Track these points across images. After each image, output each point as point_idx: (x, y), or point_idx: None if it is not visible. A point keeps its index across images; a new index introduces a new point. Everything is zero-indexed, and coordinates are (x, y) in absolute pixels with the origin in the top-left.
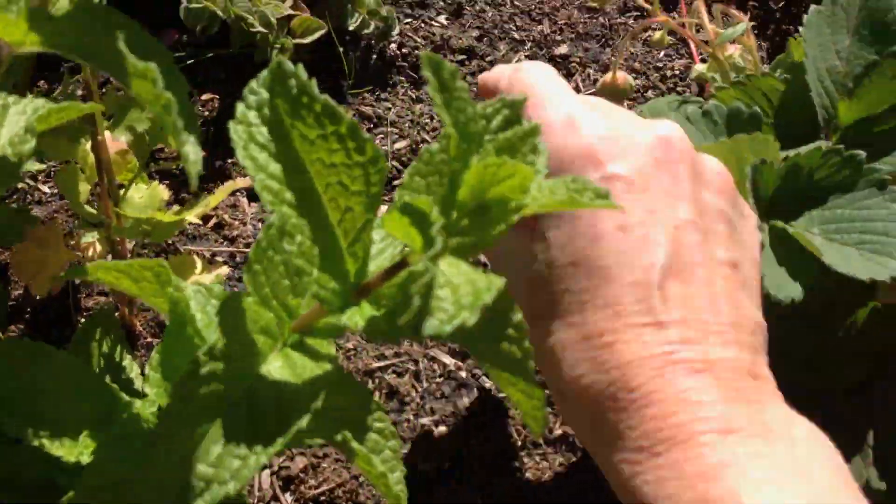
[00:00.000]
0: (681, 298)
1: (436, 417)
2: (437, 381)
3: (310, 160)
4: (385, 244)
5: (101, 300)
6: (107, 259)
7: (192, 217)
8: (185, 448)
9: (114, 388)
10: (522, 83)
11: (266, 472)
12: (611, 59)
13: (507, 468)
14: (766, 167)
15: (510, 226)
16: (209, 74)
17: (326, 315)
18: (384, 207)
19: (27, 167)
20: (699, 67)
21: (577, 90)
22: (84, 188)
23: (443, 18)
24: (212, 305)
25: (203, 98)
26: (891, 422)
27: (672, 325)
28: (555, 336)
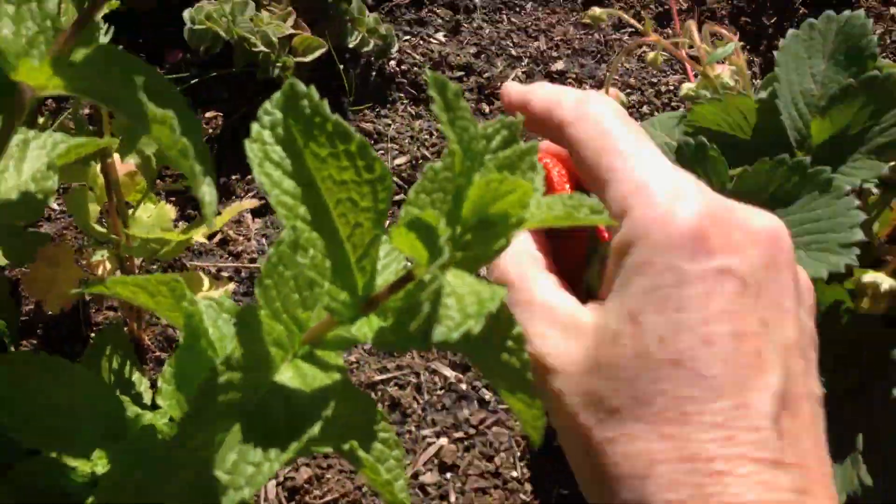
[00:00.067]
0: (793, 436)
1: (437, 429)
2: (438, 394)
3: (321, 177)
4: (389, 259)
5: (111, 315)
6: (116, 275)
7: (200, 236)
8: (203, 454)
9: (125, 401)
10: (592, 123)
11: (272, 483)
12: (606, 76)
13: (507, 478)
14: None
15: (510, 240)
16: (212, 93)
17: (336, 327)
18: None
19: None
20: (688, 85)
21: None
22: (94, 208)
23: (441, 35)
24: (223, 319)
25: (207, 115)
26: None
27: (790, 468)
28: (640, 444)
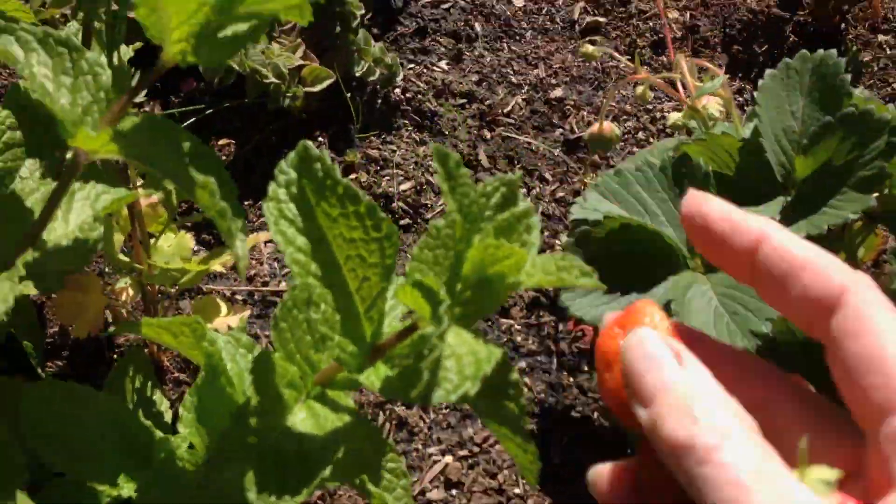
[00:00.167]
0: None
1: (442, 447)
2: (444, 413)
3: (332, 235)
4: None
5: (132, 337)
6: (138, 301)
7: (217, 266)
8: (226, 490)
9: (149, 426)
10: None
11: None
12: (603, 99)
13: (510, 494)
14: None
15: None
16: (226, 122)
17: (345, 370)
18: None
19: None
20: (675, 116)
21: (572, 131)
22: (118, 238)
23: (444, 63)
24: (240, 354)
25: (220, 143)
26: None
27: None
28: None
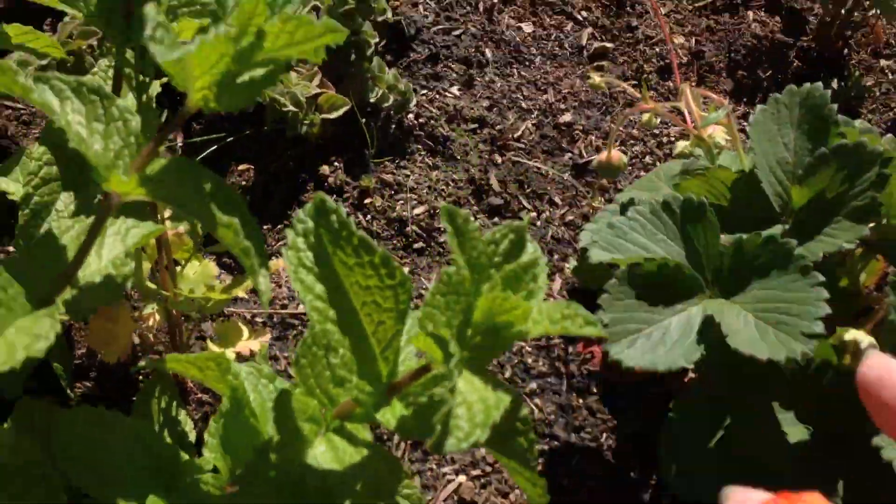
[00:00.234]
0: None
1: (456, 466)
2: None
3: (349, 282)
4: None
5: (156, 358)
6: (163, 323)
7: (239, 292)
8: None
9: (174, 449)
10: None
11: None
12: (611, 127)
13: None
14: (725, 251)
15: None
16: (245, 148)
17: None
18: (405, 270)
19: None
20: (682, 144)
21: (581, 156)
22: (146, 266)
23: (455, 89)
24: (262, 385)
25: (240, 168)
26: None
27: None
28: None
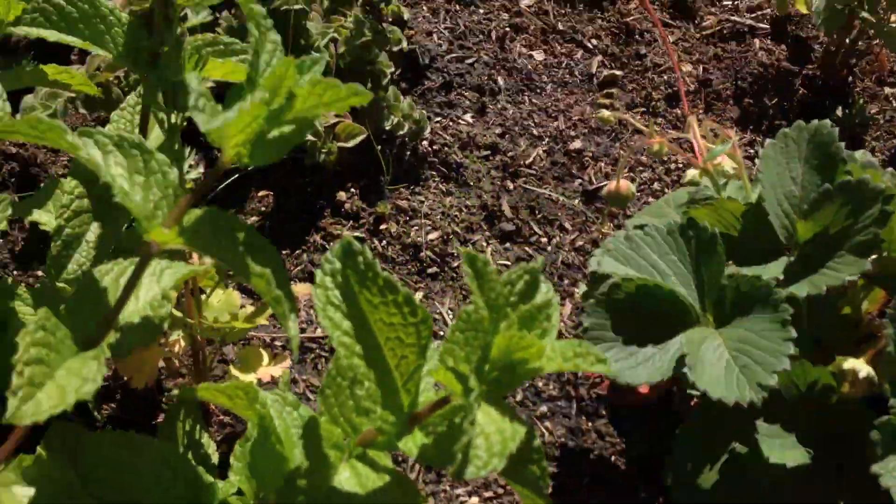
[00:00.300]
0: None
1: (469, 488)
2: None
3: (374, 319)
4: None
5: (181, 381)
6: (188, 350)
7: (261, 320)
8: None
9: (199, 471)
10: None
11: None
12: (620, 154)
13: None
14: (727, 284)
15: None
16: (265, 175)
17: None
18: (419, 294)
19: None
20: (691, 172)
21: (590, 182)
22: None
23: (469, 117)
24: (286, 412)
25: (259, 195)
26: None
27: None
28: None
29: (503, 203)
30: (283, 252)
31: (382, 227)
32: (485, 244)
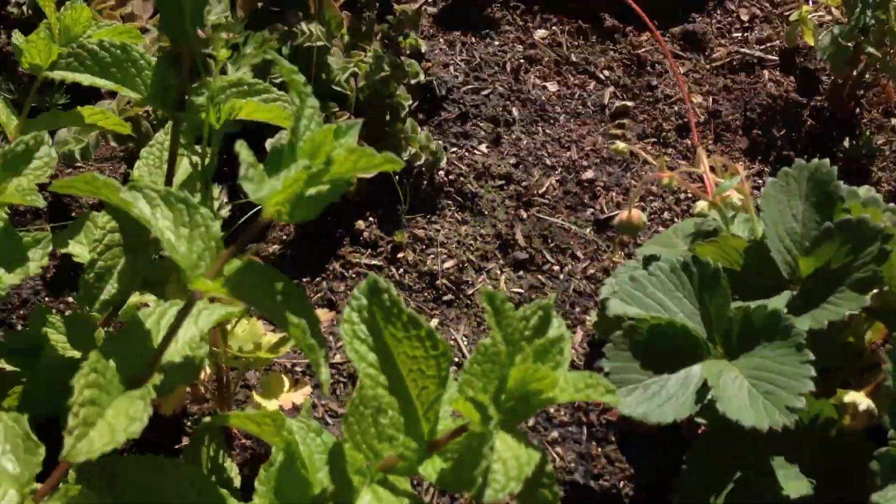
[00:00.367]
0: None
1: None
2: None
3: (397, 352)
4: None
5: (205, 406)
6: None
7: (284, 351)
8: None
9: (223, 493)
10: None
11: None
12: (632, 184)
13: None
14: (734, 316)
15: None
16: None
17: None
18: (435, 321)
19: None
20: (701, 204)
21: (602, 211)
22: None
23: (484, 147)
24: (310, 438)
25: (281, 223)
26: None
27: None
28: None
29: (517, 232)
30: (304, 279)
31: (400, 256)
32: (499, 272)
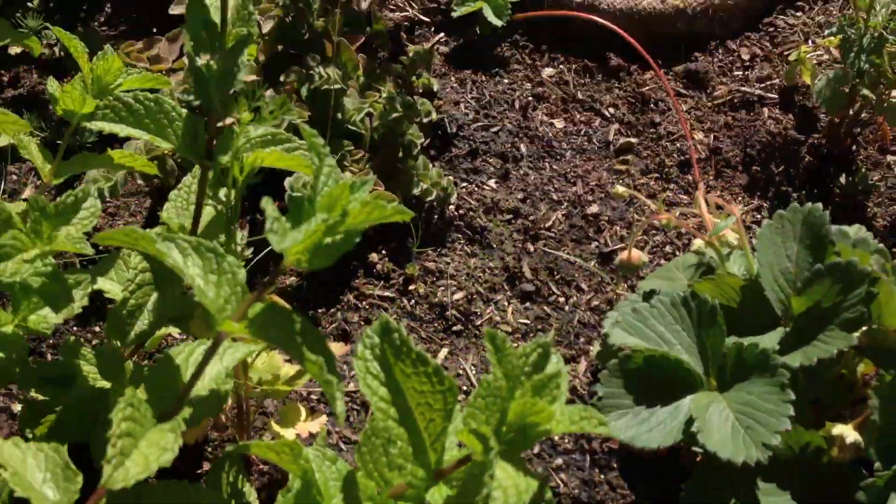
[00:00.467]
0: None
1: None
2: None
3: (406, 387)
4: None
5: (225, 434)
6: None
7: (301, 383)
8: None
9: None
10: None
11: None
12: (634, 218)
13: None
14: (728, 352)
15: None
16: None
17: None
18: (444, 351)
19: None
20: (697, 242)
21: (606, 245)
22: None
23: (493, 182)
24: (326, 466)
25: None
26: None
27: None
28: None
29: (524, 265)
30: (319, 310)
31: (411, 288)
32: (506, 303)
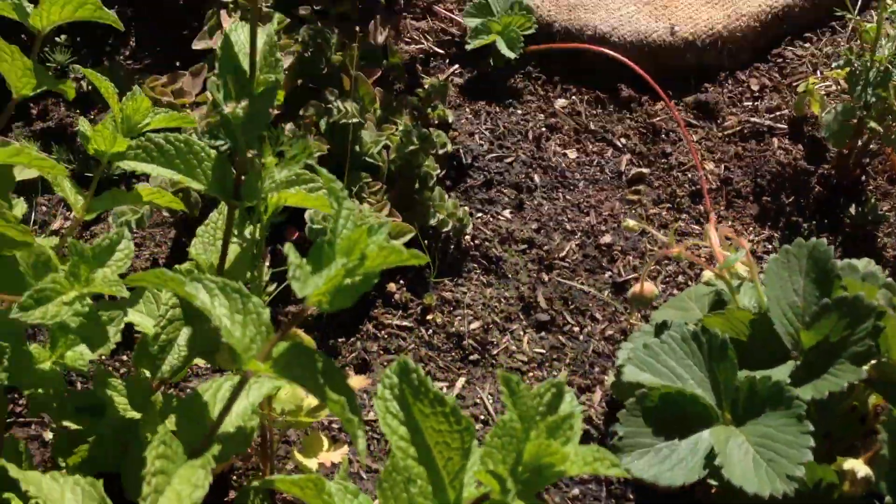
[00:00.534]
0: None
1: None
2: None
3: (425, 426)
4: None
5: (249, 462)
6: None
7: (323, 415)
8: None
9: None
10: None
11: None
12: (647, 249)
13: None
14: (741, 385)
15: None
16: None
17: None
18: (462, 380)
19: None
20: (707, 274)
21: (619, 275)
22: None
23: (507, 213)
24: (348, 499)
25: None
26: None
27: None
28: None
29: (539, 294)
30: (339, 339)
31: (429, 317)
32: (522, 333)
